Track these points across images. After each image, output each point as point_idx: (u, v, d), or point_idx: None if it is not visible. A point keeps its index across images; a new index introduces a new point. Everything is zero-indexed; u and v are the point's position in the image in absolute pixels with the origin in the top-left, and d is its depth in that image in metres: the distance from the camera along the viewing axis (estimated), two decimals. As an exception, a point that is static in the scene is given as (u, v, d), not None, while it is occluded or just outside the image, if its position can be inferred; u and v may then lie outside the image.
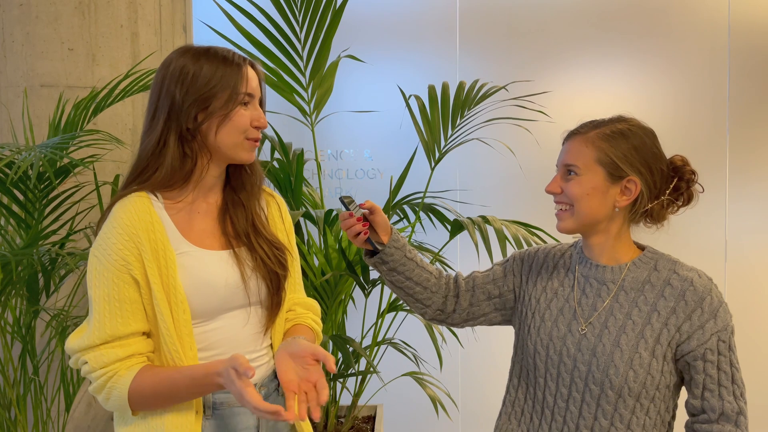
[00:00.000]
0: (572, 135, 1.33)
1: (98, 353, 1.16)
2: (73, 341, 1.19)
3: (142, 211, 1.19)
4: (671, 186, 1.30)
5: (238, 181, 1.33)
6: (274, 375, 1.33)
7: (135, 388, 1.15)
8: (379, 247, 1.38)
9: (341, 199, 1.35)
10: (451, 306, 1.47)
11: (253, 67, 1.28)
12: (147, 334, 1.21)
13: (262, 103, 1.32)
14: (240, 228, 1.29)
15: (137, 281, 1.17)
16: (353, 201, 1.36)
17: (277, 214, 1.40)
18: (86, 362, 1.17)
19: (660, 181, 1.29)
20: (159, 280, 1.17)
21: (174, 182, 1.24)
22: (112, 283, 1.16)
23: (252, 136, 1.25)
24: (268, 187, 1.45)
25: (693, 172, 1.31)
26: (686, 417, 1.29)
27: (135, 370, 1.16)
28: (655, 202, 1.30)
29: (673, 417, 1.32)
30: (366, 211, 1.36)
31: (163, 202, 1.24)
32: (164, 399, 1.17)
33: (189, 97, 1.20)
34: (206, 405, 1.24)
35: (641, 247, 1.36)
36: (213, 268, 1.23)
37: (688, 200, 1.32)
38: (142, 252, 1.17)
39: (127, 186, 1.25)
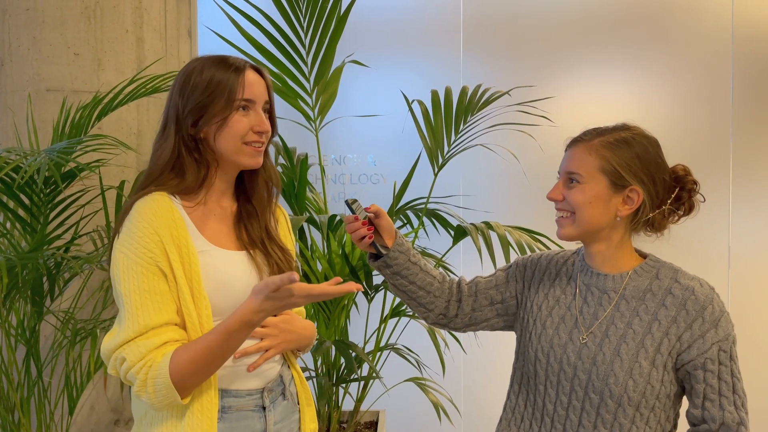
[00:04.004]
0: (575, 142, 1.32)
1: (134, 345, 1.15)
2: (107, 342, 1.19)
3: (163, 208, 1.21)
4: (673, 196, 1.30)
5: (252, 188, 1.35)
6: (281, 380, 1.35)
7: (174, 369, 1.14)
8: (384, 251, 1.38)
9: (347, 203, 1.36)
10: (454, 310, 1.47)
11: (259, 72, 1.29)
12: (179, 326, 1.21)
13: (271, 107, 1.32)
14: (255, 235, 1.32)
15: (164, 273, 1.18)
16: (359, 204, 1.37)
17: (284, 226, 1.44)
18: (125, 359, 1.15)
19: (662, 190, 1.29)
20: (183, 274, 1.19)
21: (192, 190, 1.27)
22: (141, 275, 1.17)
23: (251, 140, 1.26)
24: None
25: (695, 182, 1.31)
26: (687, 426, 1.29)
27: (169, 354, 1.15)
28: (657, 211, 1.30)
29: (675, 426, 1.32)
30: (371, 214, 1.37)
31: (181, 202, 1.26)
32: (205, 367, 1.16)
33: (188, 105, 1.24)
34: None
35: (643, 255, 1.36)
36: (231, 268, 1.25)
37: (689, 210, 1.31)
38: (166, 246, 1.18)
39: (145, 188, 1.26)
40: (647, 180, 1.27)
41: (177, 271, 1.18)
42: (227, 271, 1.24)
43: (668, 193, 1.30)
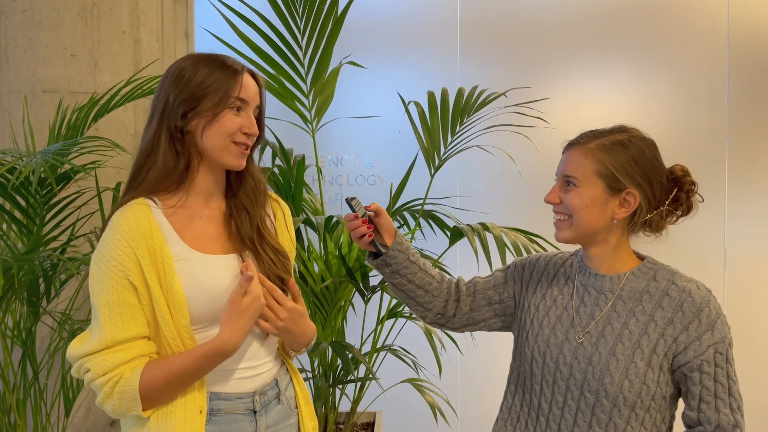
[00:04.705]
0: (572, 145, 1.33)
1: (100, 359, 1.16)
2: (74, 348, 1.20)
3: (140, 218, 1.20)
4: (671, 197, 1.30)
5: (239, 187, 1.33)
6: (276, 383, 1.34)
7: (145, 384, 1.15)
8: (383, 250, 1.38)
9: (347, 201, 1.36)
10: (452, 310, 1.47)
11: (253, 76, 1.29)
12: (148, 338, 1.21)
13: (261, 113, 1.32)
14: (245, 233, 1.30)
15: (135, 287, 1.18)
16: (359, 203, 1.37)
17: (282, 221, 1.41)
18: (89, 370, 1.17)
19: (659, 192, 1.29)
20: (158, 285, 1.18)
21: (169, 183, 1.25)
22: (111, 288, 1.17)
23: (239, 140, 1.25)
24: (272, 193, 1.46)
25: (693, 183, 1.31)
26: (683, 429, 1.29)
27: (139, 369, 1.16)
28: (654, 212, 1.30)
29: (670, 428, 1.32)
30: (371, 212, 1.37)
31: (162, 207, 1.24)
32: (177, 386, 1.18)
33: (181, 95, 1.22)
34: None
35: (641, 257, 1.36)
36: (214, 273, 1.23)
37: (688, 210, 1.32)
38: (140, 258, 1.18)
39: (126, 192, 1.26)
40: (644, 183, 1.27)
41: (152, 283, 1.18)
42: (209, 275, 1.23)
43: (666, 194, 1.30)
